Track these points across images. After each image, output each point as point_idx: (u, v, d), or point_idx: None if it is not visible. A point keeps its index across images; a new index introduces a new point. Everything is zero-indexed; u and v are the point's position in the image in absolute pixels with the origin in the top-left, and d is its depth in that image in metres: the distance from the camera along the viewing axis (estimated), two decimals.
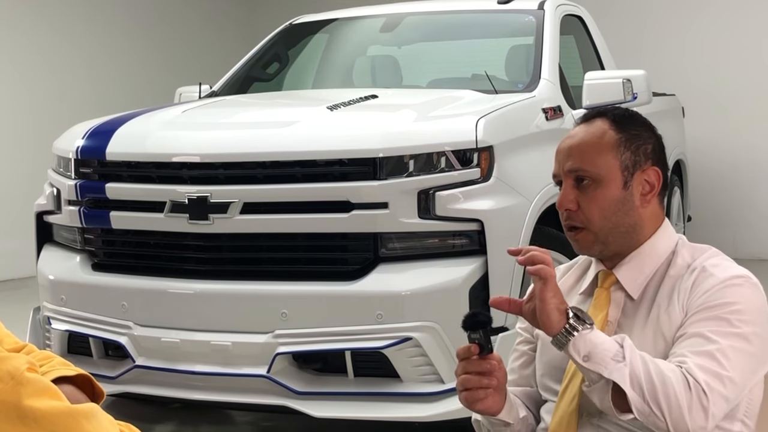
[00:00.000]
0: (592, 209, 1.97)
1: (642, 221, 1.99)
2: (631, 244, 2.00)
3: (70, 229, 4.20)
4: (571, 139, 2.03)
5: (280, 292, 3.70)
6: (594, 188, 1.97)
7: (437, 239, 3.70)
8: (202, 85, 5.32)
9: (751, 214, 8.28)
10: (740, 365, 1.83)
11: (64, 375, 1.54)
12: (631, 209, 1.98)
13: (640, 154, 2.00)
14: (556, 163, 2.04)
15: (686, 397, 1.76)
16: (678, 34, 8.48)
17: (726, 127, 8.30)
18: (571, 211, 1.99)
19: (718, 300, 1.87)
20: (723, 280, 1.89)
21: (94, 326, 3.97)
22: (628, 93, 4.61)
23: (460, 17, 5.54)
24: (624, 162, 1.98)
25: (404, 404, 3.62)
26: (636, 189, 1.99)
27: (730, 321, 1.85)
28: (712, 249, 2.01)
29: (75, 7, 9.09)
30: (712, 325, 1.85)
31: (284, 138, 3.82)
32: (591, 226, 1.98)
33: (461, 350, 1.93)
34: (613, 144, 1.98)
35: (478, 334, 1.90)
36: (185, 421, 4.58)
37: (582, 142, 2.01)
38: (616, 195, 1.97)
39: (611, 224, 1.97)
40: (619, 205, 1.97)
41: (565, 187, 2.00)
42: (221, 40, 10.29)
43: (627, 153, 1.98)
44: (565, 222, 2.01)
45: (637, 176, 1.99)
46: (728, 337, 1.83)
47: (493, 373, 1.92)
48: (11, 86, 8.53)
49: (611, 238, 1.98)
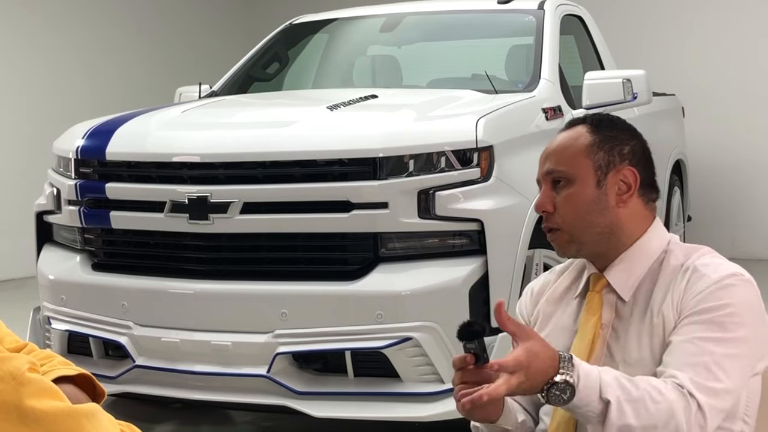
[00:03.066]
0: (566, 209, 1.99)
1: (620, 221, 2.00)
2: (615, 245, 2.00)
3: (70, 229, 4.20)
4: (552, 144, 2.07)
5: (280, 292, 3.70)
6: (568, 188, 2.00)
7: (437, 239, 3.70)
8: (202, 85, 5.32)
9: (750, 214, 8.28)
10: (737, 373, 1.84)
11: (65, 375, 1.54)
12: (605, 209, 1.99)
13: (614, 154, 2.01)
14: (538, 168, 2.08)
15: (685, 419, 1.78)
16: (678, 34, 8.48)
17: (726, 127, 8.30)
18: (549, 213, 2.01)
19: (710, 302, 1.87)
20: (716, 281, 1.89)
21: (94, 326, 3.97)
22: (628, 93, 4.61)
23: (460, 17, 5.54)
24: (597, 162, 2.00)
25: (404, 404, 3.62)
26: (611, 189, 2.00)
27: (724, 325, 1.85)
28: (704, 248, 2.01)
29: (74, 7, 9.08)
30: (705, 330, 1.85)
31: (284, 138, 3.82)
32: (565, 225, 2.00)
33: (457, 360, 1.92)
34: (586, 145, 2.01)
35: (473, 344, 1.89)
36: (185, 421, 4.58)
37: (558, 145, 2.05)
38: (589, 194, 1.99)
39: (585, 223, 1.99)
40: (593, 204, 1.98)
41: (543, 190, 2.04)
42: (221, 40, 10.28)
43: (600, 153, 2.00)
44: (544, 224, 2.04)
45: (612, 176, 2.00)
46: (722, 344, 1.83)
47: (489, 383, 1.92)
48: (11, 86, 8.53)
49: (586, 237, 1.99)
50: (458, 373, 1.93)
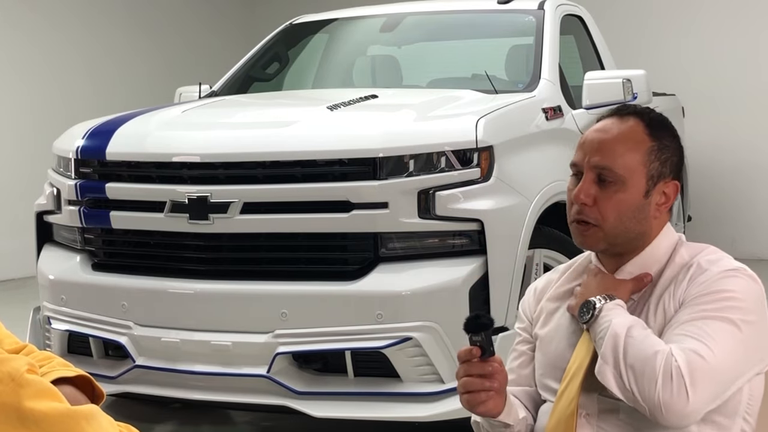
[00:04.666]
0: (608, 209, 1.96)
1: (651, 230, 2.00)
2: (635, 247, 2.00)
3: (70, 229, 4.20)
4: (603, 134, 1.99)
5: (280, 292, 3.70)
6: (616, 190, 1.96)
7: (437, 239, 3.70)
8: (202, 85, 5.32)
9: (750, 214, 8.28)
10: (727, 348, 1.81)
11: (64, 376, 1.54)
12: (645, 218, 1.97)
13: (666, 165, 1.98)
14: (580, 152, 2.00)
15: (662, 374, 1.77)
16: (678, 34, 8.48)
17: (726, 127, 8.29)
18: (586, 206, 1.97)
19: (711, 288, 1.87)
20: (719, 272, 1.90)
21: (94, 326, 3.97)
22: (628, 93, 4.61)
23: (460, 17, 5.54)
24: (651, 171, 1.96)
25: (404, 404, 3.62)
26: (654, 199, 1.98)
27: (721, 307, 1.85)
28: (710, 247, 2.01)
29: (75, 7, 9.08)
30: (702, 309, 1.85)
31: (284, 138, 3.82)
32: (604, 225, 1.96)
33: (463, 352, 1.92)
34: (645, 151, 1.97)
35: (480, 336, 1.90)
36: (185, 421, 4.58)
37: (615, 140, 1.97)
38: (635, 201, 1.96)
39: (624, 228, 1.96)
40: (636, 212, 1.96)
41: (586, 181, 1.97)
42: (221, 40, 10.28)
43: (656, 163, 1.97)
44: (576, 215, 1.99)
45: (659, 187, 1.98)
46: (716, 320, 1.83)
47: (494, 376, 1.92)
48: (11, 86, 8.53)
49: (619, 240, 1.98)
50: (463, 365, 1.93)
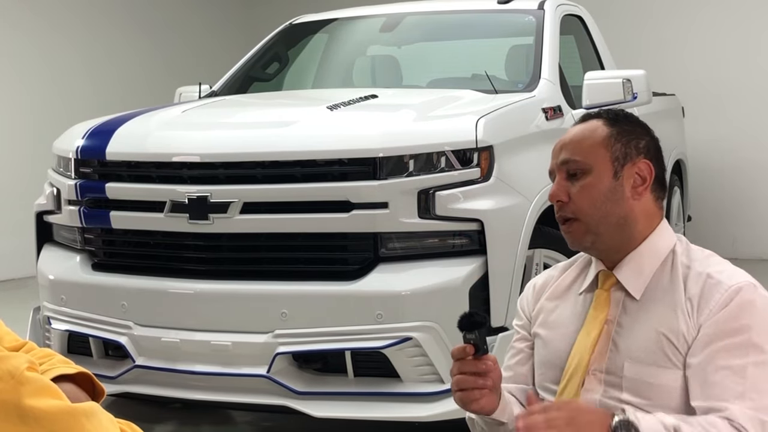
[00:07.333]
0: (582, 199, 2.00)
1: (633, 213, 2.01)
2: (626, 239, 2.01)
3: (70, 228, 4.20)
4: (567, 135, 2.09)
5: (280, 292, 3.70)
6: (584, 178, 2.01)
7: (437, 239, 3.70)
8: (202, 85, 5.32)
9: (751, 214, 8.28)
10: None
11: (65, 373, 1.54)
12: (621, 199, 2.00)
13: (631, 147, 2.03)
14: (552, 159, 2.08)
15: None
16: (678, 34, 8.48)
17: (726, 127, 8.29)
18: (563, 202, 2.02)
19: (733, 323, 1.86)
20: (732, 296, 1.88)
21: (94, 326, 3.97)
22: (628, 93, 4.61)
23: (460, 17, 5.54)
24: (614, 153, 2.01)
25: (404, 404, 3.62)
26: (627, 181, 2.01)
27: (758, 346, 1.84)
28: (706, 251, 2.02)
29: (75, 7, 9.08)
30: (737, 356, 1.84)
31: (284, 138, 3.82)
32: (581, 215, 2.00)
33: (456, 350, 1.93)
34: (604, 136, 2.03)
35: (473, 334, 1.90)
36: (185, 421, 4.58)
37: (575, 136, 2.06)
38: (606, 184, 2.00)
39: (601, 213, 1.99)
40: (609, 194, 1.99)
41: (557, 180, 2.04)
42: (221, 40, 10.29)
43: (618, 145, 2.02)
44: (558, 214, 2.04)
45: (628, 168, 2.01)
46: (758, 366, 1.83)
47: (488, 374, 1.93)
48: (11, 86, 8.53)
49: (602, 228, 2.00)
50: (457, 363, 1.94)
